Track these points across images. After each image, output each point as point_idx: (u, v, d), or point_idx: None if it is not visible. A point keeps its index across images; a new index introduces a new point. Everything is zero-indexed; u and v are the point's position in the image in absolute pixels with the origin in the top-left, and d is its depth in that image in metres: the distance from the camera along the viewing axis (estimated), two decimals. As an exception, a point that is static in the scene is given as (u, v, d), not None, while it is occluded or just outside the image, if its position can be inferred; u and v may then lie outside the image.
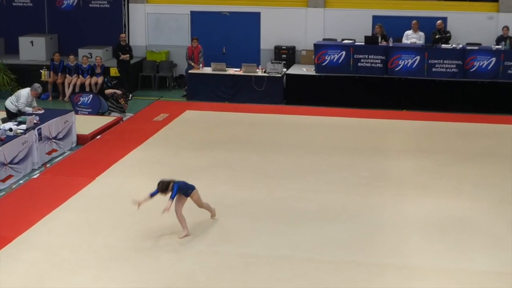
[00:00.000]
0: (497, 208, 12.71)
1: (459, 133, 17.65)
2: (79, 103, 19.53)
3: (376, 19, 22.10)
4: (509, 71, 20.26)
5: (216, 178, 14.12)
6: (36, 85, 16.68)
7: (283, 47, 22.60)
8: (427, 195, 13.27)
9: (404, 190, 13.55)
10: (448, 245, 11.14)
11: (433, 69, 20.59)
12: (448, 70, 20.52)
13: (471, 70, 20.44)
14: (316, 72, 21.23)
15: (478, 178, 14.27)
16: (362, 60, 20.89)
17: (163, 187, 11.17)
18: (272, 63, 21.39)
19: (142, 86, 23.13)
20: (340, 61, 21.00)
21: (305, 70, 21.58)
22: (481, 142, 16.95)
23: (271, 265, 10.43)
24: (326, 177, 14.24)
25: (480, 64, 20.38)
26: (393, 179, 14.18)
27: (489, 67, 20.33)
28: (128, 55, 21.83)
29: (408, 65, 20.71)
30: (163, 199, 11.08)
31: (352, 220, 12.12)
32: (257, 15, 23.01)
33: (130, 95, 20.34)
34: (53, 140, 15.96)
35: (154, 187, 13.22)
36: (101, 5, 23.55)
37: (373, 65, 20.85)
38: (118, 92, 19.32)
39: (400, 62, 20.74)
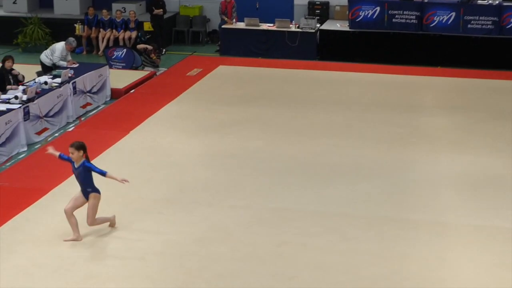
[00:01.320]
0: (531, 166, 12.63)
1: (494, 90, 17.47)
2: (113, 57, 19.59)
3: (411, -26, 21.81)
4: (546, 27, 19.97)
5: (249, 133, 14.15)
6: (71, 39, 16.76)
7: (317, 2, 22.40)
8: (461, 152, 13.21)
9: (437, 146, 13.49)
10: (481, 202, 11.11)
11: (469, 26, 20.30)
12: (483, 26, 20.23)
13: (508, 27, 20.13)
14: (350, 28, 21.04)
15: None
16: (396, 16, 20.66)
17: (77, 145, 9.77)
18: (305, 18, 21.23)
19: (175, 41, 23.11)
20: (374, 17, 20.78)
21: (338, 25, 21.41)
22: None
23: (304, 219, 10.48)
24: (359, 133, 14.21)
25: (517, 21, 20.11)
26: (427, 135, 14.12)
27: (526, 23, 20.07)
28: (161, 10, 21.77)
29: (443, 21, 20.43)
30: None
31: (385, 176, 12.11)
32: (291, -31, 22.85)
33: (164, 50, 20.34)
34: (88, 94, 16.07)
35: (186, 141, 13.33)
36: (134, -41, 23.50)
37: (407, 21, 20.60)
38: (149, 47, 19.35)
39: (435, 18, 20.48)
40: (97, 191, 9.84)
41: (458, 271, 9.08)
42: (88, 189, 9.81)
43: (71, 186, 11.40)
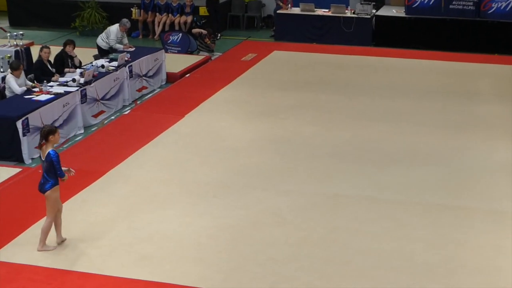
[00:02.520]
0: None
1: (554, 78, 17.17)
2: (168, 41, 19.71)
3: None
4: None
5: (303, 118, 14.13)
6: (124, 20, 16.88)
7: (373, -12, 22.26)
8: (518, 140, 13.04)
9: (494, 134, 13.31)
10: (538, 191, 10.97)
11: (528, 12, 19.99)
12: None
13: None
14: (406, 14, 20.84)
15: None
16: (453, 2, 20.35)
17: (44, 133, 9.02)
18: (361, 4, 21.09)
19: (230, 25, 23.15)
20: (431, 3, 20.52)
21: (395, 11, 21.22)
22: None
23: (358, 205, 10.45)
24: (415, 119, 14.10)
25: None
26: (484, 123, 13.94)
27: None
28: (217, -5, 21.85)
29: (502, 8, 20.09)
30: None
31: (441, 163, 12.00)
32: (347, -45, 22.67)
33: (218, 35, 20.40)
34: (144, 78, 16.21)
35: (240, 126, 13.39)
36: None
37: (465, 7, 20.30)
38: (204, 31, 19.41)
39: (493, 5, 20.15)
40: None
41: (515, 260, 8.99)
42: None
43: (127, 168, 11.58)
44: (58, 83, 13.81)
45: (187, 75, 17.26)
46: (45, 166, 8.93)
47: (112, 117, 14.53)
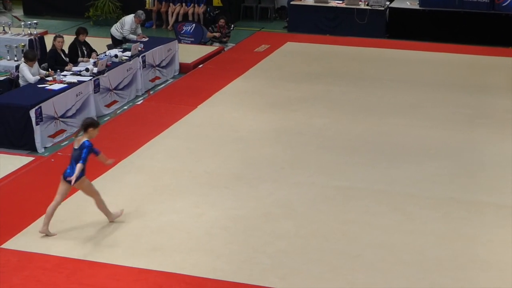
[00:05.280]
0: None
1: None
2: (182, 32, 19.74)
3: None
4: None
5: (315, 110, 14.13)
6: (140, 12, 16.91)
7: (387, -20, 22.19)
8: (530, 134, 13.00)
9: (506, 128, 13.27)
10: (551, 186, 10.94)
11: (543, 5, 19.90)
12: None
13: None
14: (420, 6, 20.80)
15: None
16: (468, -5, 20.34)
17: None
18: (375, -5, 21.06)
19: (243, 16, 23.15)
20: (445, -5, 20.49)
21: (408, 4, 21.17)
22: None
23: (368, 198, 10.45)
24: (427, 112, 14.08)
25: None
26: (496, 116, 13.90)
27: None
28: (231, -15, 21.84)
29: (517, 0, 20.06)
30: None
31: (452, 157, 11.98)
32: None
33: (232, 26, 20.39)
34: (157, 68, 16.24)
35: (252, 117, 13.41)
36: None
37: (479, 0, 20.23)
38: (216, 35, 19.24)
39: (508, -2, 20.12)
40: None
41: (525, 255, 8.98)
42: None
43: (139, 158, 11.62)
44: (71, 72, 13.85)
45: (200, 66, 17.28)
46: (76, 154, 9.02)
47: (125, 107, 14.57)
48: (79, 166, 8.88)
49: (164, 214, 9.84)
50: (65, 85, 13.11)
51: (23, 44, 15.46)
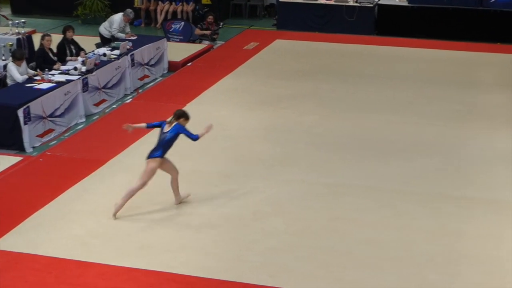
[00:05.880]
0: None
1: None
2: (171, 30, 19.69)
3: None
4: None
5: (305, 107, 14.12)
6: (128, 10, 16.86)
7: (376, -23, 22.19)
8: (520, 130, 13.02)
9: (495, 124, 13.30)
10: (540, 181, 10.96)
11: (531, 1, 19.94)
12: (547, 1, 19.84)
13: None
14: (408, 3, 20.77)
15: None
16: (457, -8, 20.35)
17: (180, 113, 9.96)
18: (364, -7, 21.07)
19: (232, 14, 23.11)
20: (432, -8, 20.50)
21: (397, 0, 21.16)
22: None
23: (358, 195, 10.44)
24: (417, 109, 14.09)
25: None
26: (485, 112, 13.93)
27: None
28: (219, -17, 21.79)
29: (504, -3, 20.09)
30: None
31: (442, 153, 11.99)
32: None
33: (221, 24, 20.35)
34: (146, 66, 16.19)
35: (242, 115, 13.38)
36: None
37: (467, -4, 20.30)
38: (207, 33, 19.21)
39: (496, -6, 20.14)
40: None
41: (515, 250, 8.99)
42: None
43: (128, 157, 11.58)
44: (59, 71, 13.79)
45: (189, 64, 17.24)
46: (164, 137, 9.77)
47: (114, 106, 14.52)
48: (197, 138, 9.86)
49: (153, 212, 9.81)
50: (53, 84, 13.05)
51: (11, 43, 15.37)
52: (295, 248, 8.99)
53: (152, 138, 12.27)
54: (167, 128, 9.82)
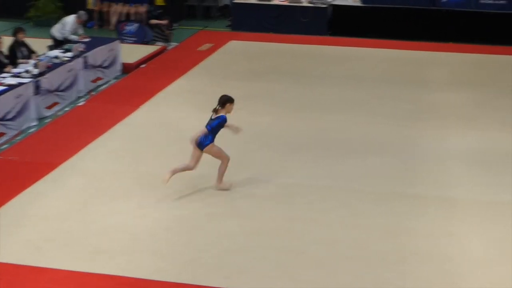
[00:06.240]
0: (543, 142, 12.59)
1: (506, 66, 17.40)
2: (124, 31, 19.58)
3: None
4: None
5: (259, 108, 14.13)
6: (81, 12, 16.72)
7: (329, -23, 22.29)
8: (471, 128, 13.17)
9: (448, 122, 13.45)
10: (491, 178, 11.08)
11: (481, 1, 20.17)
12: (496, 2, 20.08)
13: (521, 3, 20.01)
14: (362, 3, 20.93)
15: (524, 112, 14.12)
16: (407, -8, 20.55)
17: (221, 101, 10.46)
18: (318, -7, 21.16)
19: (187, 15, 23.04)
20: (385, -8, 20.67)
21: (351, 0, 21.29)
22: (529, 75, 16.71)
23: (313, 195, 10.47)
24: (370, 108, 14.19)
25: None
26: (437, 111, 14.07)
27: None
28: (173, -16, 21.70)
29: (456, -4, 20.33)
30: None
31: (395, 152, 12.09)
32: None
33: (175, 25, 20.28)
34: (99, 68, 16.06)
35: (196, 116, 13.31)
36: None
37: (420, -4, 20.50)
38: (163, 22, 19.26)
39: (447, -7, 20.37)
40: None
41: (466, 247, 9.07)
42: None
43: (81, 160, 11.49)
44: (11, 74, 13.61)
45: (142, 66, 17.16)
46: (211, 125, 10.23)
47: (66, 109, 14.36)
48: (204, 130, 10.14)
49: (107, 216, 9.73)
50: (5, 87, 12.87)
51: (-40, 46, 15.14)
52: (250, 249, 8.98)
53: (104, 141, 12.23)
54: (214, 116, 10.39)
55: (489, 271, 8.54)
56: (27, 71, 13.58)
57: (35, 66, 13.86)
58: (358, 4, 20.95)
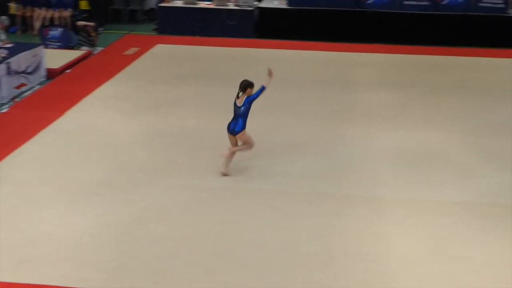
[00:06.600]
0: (466, 139, 12.83)
1: (431, 66, 17.71)
2: (48, 36, 19.27)
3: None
4: (479, 4, 20.24)
5: (187, 112, 14.07)
6: (3, 17, 16.44)
7: (255, -20, 22.35)
8: (398, 128, 13.34)
9: (374, 122, 13.60)
10: (418, 177, 11.24)
11: (405, 2, 20.50)
12: (420, 3, 20.44)
13: (443, 3, 20.36)
14: (288, 6, 21.04)
15: (448, 111, 14.38)
16: (334, -7, 20.74)
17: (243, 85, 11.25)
18: (240, -4, 21.21)
19: (112, 19, 22.82)
20: (312, -6, 20.82)
21: (277, 3, 21.38)
22: (452, 75, 17.03)
23: (242, 197, 10.46)
24: (297, 110, 14.26)
25: (452, -2, 20.35)
26: (364, 112, 14.21)
27: (460, 0, 20.27)
28: (97, -12, 21.47)
29: (380, -2, 20.61)
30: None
31: (323, 153, 12.16)
32: None
33: (100, 29, 20.08)
34: (22, 74, 15.75)
35: (123, 121, 13.19)
36: None
37: (344, -2, 20.72)
38: (90, 24, 19.05)
39: (372, -5, 20.64)
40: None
41: (394, 245, 9.16)
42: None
43: (5, 168, 11.26)
44: None
45: (67, 71, 16.92)
46: (240, 111, 10.98)
47: (-11, 116, 14.09)
48: (266, 86, 11.29)
49: (32, 224, 9.53)
50: None
51: None
52: (180, 254, 8.91)
53: (29, 148, 12.00)
54: (239, 103, 11.03)
55: (417, 269, 8.65)
56: None
57: (-44, 73, 13.55)
58: (284, 6, 21.05)
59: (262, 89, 11.15)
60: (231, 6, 21.02)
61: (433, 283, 8.35)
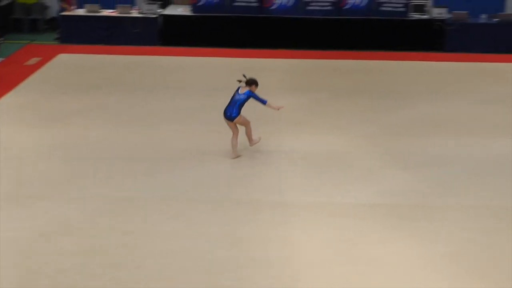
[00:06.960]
0: (369, 142, 13.06)
1: (335, 71, 17.97)
2: None
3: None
4: (381, 8, 20.62)
5: (91, 122, 13.89)
6: None
7: (157, -12, 22.25)
8: (303, 131, 13.50)
9: (280, 126, 13.71)
10: (323, 180, 11.37)
11: (308, 8, 20.73)
12: (323, 8, 20.70)
13: (345, 8, 20.68)
14: (192, 12, 21.00)
15: (352, 114, 14.60)
16: (237, 0, 20.77)
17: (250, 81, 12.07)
18: (147, 3, 21.04)
19: (13, 29, 22.33)
20: (215, 1, 20.83)
21: (181, 10, 21.32)
22: (356, 78, 17.31)
23: (149, 207, 10.37)
24: (202, 118, 14.25)
25: (354, 2, 20.62)
26: (269, 116, 14.24)
27: (362, 4, 20.62)
28: (-4, -3, 21.01)
29: (284, 4, 20.73)
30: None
31: (228, 158, 12.17)
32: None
33: (0, 39, 19.65)
34: None
35: (25, 133, 12.92)
36: None
37: (248, 4, 20.78)
38: None
39: (275, 1, 20.75)
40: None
41: (301, 249, 9.23)
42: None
43: None
44: None
45: (-34, 83, 16.51)
46: (240, 98, 11.95)
47: None
48: (267, 103, 12.09)
49: None
50: None
51: None
52: (85, 267, 8.75)
53: None
54: (241, 91, 11.95)
55: (325, 271, 8.73)
56: None
57: None
58: (188, 13, 21.00)
59: (263, 101, 12.01)
60: (134, 14, 20.86)
61: (340, 285, 8.43)
